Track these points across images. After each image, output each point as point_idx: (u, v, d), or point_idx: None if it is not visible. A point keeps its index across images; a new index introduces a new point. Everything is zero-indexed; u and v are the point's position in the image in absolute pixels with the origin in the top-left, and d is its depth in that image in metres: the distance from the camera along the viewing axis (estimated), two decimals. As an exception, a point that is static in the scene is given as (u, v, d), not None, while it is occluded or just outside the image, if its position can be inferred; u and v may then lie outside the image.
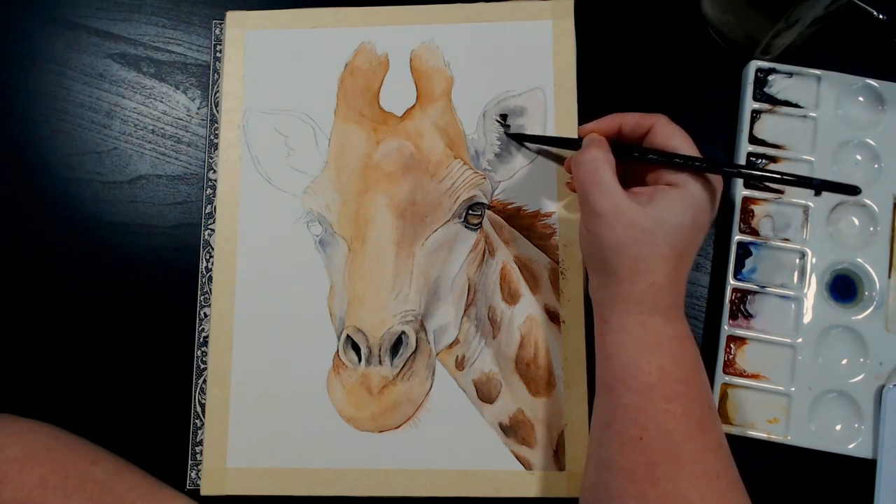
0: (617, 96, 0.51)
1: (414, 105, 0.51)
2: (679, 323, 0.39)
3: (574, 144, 0.45)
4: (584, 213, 0.40)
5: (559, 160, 0.49)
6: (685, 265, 0.39)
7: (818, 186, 0.37)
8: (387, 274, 0.48)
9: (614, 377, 0.38)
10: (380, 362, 0.47)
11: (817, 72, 0.49)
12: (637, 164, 0.41)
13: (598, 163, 0.39)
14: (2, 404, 0.48)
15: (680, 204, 0.38)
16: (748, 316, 0.47)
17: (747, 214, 0.48)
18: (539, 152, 0.50)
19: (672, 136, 0.40)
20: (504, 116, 0.50)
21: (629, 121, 0.42)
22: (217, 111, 0.52)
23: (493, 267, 0.49)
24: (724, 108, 0.51)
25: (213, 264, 0.50)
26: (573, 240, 0.48)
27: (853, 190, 0.37)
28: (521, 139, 0.49)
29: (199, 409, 0.49)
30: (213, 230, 0.50)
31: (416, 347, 0.47)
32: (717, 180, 0.39)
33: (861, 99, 0.49)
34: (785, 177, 0.38)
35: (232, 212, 0.50)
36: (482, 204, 0.49)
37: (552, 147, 0.49)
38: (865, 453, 0.45)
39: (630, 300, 0.38)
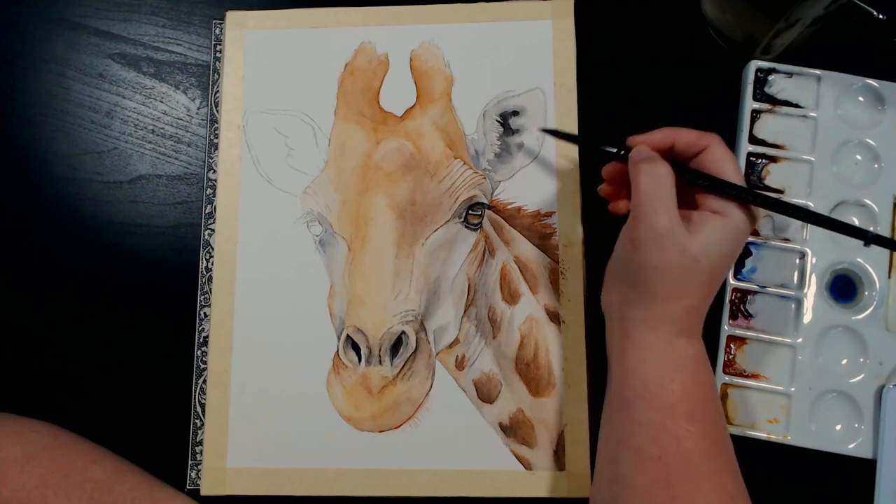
0: (617, 96, 0.51)
1: (414, 105, 0.51)
2: (699, 344, 0.39)
3: (619, 153, 0.42)
4: (638, 228, 0.38)
5: (558, 161, 0.49)
6: (715, 291, 0.39)
7: (871, 240, 0.37)
8: (387, 274, 0.48)
9: (634, 393, 0.38)
10: (380, 362, 0.47)
11: (817, 72, 0.49)
12: (679, 182, 0.39)
13: (667, 179, 0.38)
14: (2, 404, 0.48)
15: (724, 233, 0.38)
16: (748, 316, 0.47)
17: (747, 214, 0.48)
18: (540, 153, 0.49)
19: (723, 162, 0.39)
20: (504, 116, 0.50)
21: (684, 139, 0.40)
22: (217, 111, 0.52)
23: (493, 267, 0.49)
24: (724, 108, 0.51)
25: (213, 264, 0.50)
26: (573, 240, 0.48)
27: None
28: (556, 135, 0.48)
29: (199, 409, 0.49)
30: (213, 230, 0.50)
31: (416, 347, 0.47)
32: (757, 210, 0.39)
33: (861, 99, 0.49)
34: (842, 226, 0.38)
35: (232, 212, 0.50)
36: (482, 204, 0.49)
37: (586, 146, 0.48)
38: (865, 453, 0.45)
39: (662, 320, 0.38)
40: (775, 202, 0.38)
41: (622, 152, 0.41)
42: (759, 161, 0.49)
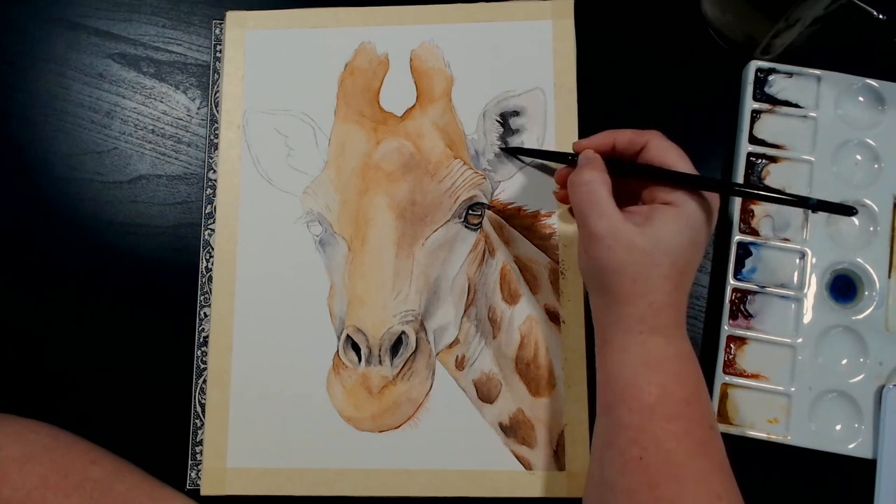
0: (617, 96, 0.51)
1: (414, 105, 0.51)
2: (680, 342, 0.38)
3: (569, 159, 0.44)
4: (582, 236, 0.39)
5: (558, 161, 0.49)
6: (685, 284, 0.39)
7: (815, 207, 0.37)
8: (387, 274, 0.48)
9: (615, 397, 0.38)
10: (380, 362, 0.47)
11: (817, 72, 0.49)
12: (632, 181, 0.41)
13: (595, 184, 0.39)
14: (2, 404, 0.48)
15: (676, 223, 0.38)
16: (748, 316, 0.47)
17: (747, 214, 0.48)
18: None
19: (667, 153, 0.40)
20: (504, 116, 0.50)
21: (623, 138, 0.41)
22: (217, 111, 0.52)
23: (493, 267, 0.49)
24: (724, 108, 0.51)
25: (213, 264, 0.50)
26: (573, 240, 0.48)
27: (849, 211, 0.37)
28: (516, 153, 0.49)
29: (199, 409, 0.49)
30: (213, 230, 0.50)
31: (416, 347, 0.47)
32: (713, 197, 0.39)
33: (861, 99, 0.49)
34: (781, 196, 0.38)
35: (232, 212, 0.50)
36: (482, 204, 0.49)
37: (547, 161, 0.49)
38: (865, 453, 0.45)
39: (630, 320, 0.38)
40: (715, 182, 0.39)
41: (572, 158, 0.43)
42: (759, 161, 0.49)
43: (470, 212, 0.49)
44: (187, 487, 0.48)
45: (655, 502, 0.35)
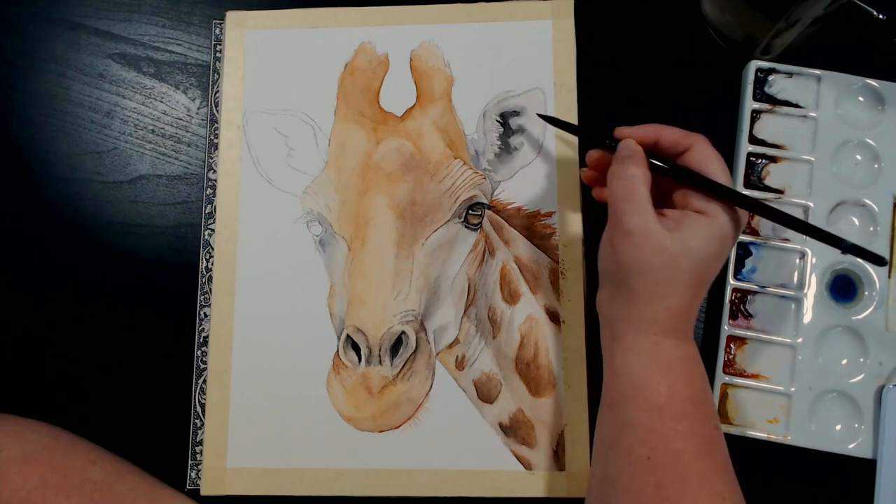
0: (617, 96, 0.51)
1: (414, 105, 0.51)
2: (689, 345, 0.38)
3: (606, 143, 0.42)
4: (613, 228, 0.39)
5: (558, 161, 0.49)
6: (702, 292, 0.39)
7: (847, 249, 0.37)
8: (387, 274, 0.48)
9: (621, 395, 0.38)
10: (380, 362, 0.47)
11: (817, 72, 0.49)
12: (666, 180, 0.40)
13: (637, 180, 0.38)
14: (2, 404, 0.48)
15: (707, 233, 0.37)
16: (748, 316, 0.47)
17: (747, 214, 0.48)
18: (540, 153, 0.49)
19: (709, 161, 0.39)
20: (504, 116, 0.50)
21: (668, 136, 0.40)
22: (217, 111, 0.52)
23: (493, 267, 0.49)
24: (724, 108, 0.51)
25: (213, 264, 0.50)
26: (573, 240, 0.48)
27: (880, 260, 0.37)
28: (553, 122, 0.47)
29: (199, 409, 0.49)
30: (213, 230, 0.50)
31: (416, 347, 0.47)
32: (743, 212, 0.39)
33: (861, 99, 0.49)
34: (817, 232, 0.38)
35: (232, 212, 0.50)
36: (482, 204, 0.49)
37: (582, 138, 0.48)
38: (865, 453, 0.45)
39: (644, 321, 0.38)
40: (758, 204, 0.38)
41: (610, 143, 0.41)
42: (759, 161, 0.49)
43: (470, 212, 0.49)
44: (187, 487, 0.48)
45: (661, 502, 0.35)
